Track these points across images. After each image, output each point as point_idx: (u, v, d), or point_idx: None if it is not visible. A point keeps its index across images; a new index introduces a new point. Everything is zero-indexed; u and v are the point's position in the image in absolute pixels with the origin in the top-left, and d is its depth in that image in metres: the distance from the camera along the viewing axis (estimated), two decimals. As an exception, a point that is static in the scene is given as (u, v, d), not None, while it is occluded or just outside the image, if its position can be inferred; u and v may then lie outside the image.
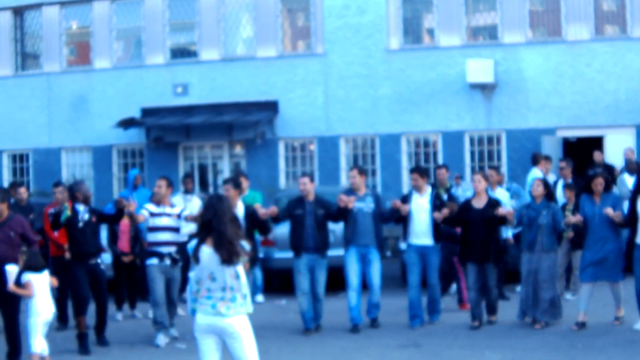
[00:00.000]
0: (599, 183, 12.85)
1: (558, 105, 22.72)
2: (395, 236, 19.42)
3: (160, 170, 24.42)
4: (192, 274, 7.92)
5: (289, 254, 14.94)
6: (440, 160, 23.02)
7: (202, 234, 7.64)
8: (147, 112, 25.21)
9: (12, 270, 11.59)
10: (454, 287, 16.06)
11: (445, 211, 13.44)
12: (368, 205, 13.60)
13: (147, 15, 25.63)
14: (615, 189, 14.90)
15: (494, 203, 13.39)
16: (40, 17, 26.65)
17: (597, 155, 20.64)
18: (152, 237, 13.19)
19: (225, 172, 24.95)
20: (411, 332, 13.07)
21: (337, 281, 15.56)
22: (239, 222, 7.73)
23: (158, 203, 13.29)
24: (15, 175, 26.64)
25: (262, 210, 13.42)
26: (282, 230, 15.54)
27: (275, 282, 17.68)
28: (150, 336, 13.19)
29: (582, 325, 12.77)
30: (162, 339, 12.99)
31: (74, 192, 13.02)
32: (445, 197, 14.94)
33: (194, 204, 16.54)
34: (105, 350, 12.73)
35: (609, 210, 12.55)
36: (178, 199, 17.02)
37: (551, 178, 18.51)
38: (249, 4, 25.04)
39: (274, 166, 24.49)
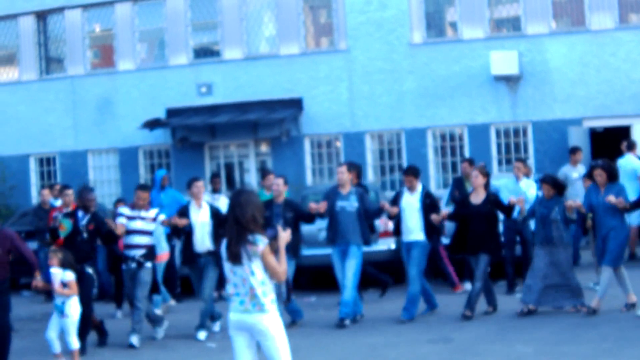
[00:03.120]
0: (598, 174, 13.31)
1: (584, 95, 22.57)
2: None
3: (186, 170, 24.47)
4: None
5: (318, 251, 15.02)
6: (466, 154, 22.93)
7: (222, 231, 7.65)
8: (172, 112, 25.26)
9: (56, 272, 11.87)
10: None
11: (444, 213, 13.74)
12: (351, 204, 13.63)
13: (169, 16, 25.66)
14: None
15: (492, 198, 13.72)
16: (63, 20, 26.75)
17: (624, 146, 20.48)
18: (126, 239, 13.31)
19: (252, 170, 24.97)
20: (441, 327, 13.02)
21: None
22: (254, 219, 7.48)
23: (133, 207, 13.43)
24: (43, 179, 26.77)
25: None
26: (311, 227, 15.58)
27: (304, 279, 17.64)
28: (171, 337, 13.17)
29: (593, 311, 13.06)
30: (160, 332, 13.52)
31: (77, 198, 13.36)
32: (470, 189, 14.91)
33: (222, 203, 16.56)
34: (133, 350, 12.76)
35: (611, 198, 12.96)
36: (206, 198, 17.05)
37: (580, 170, 18.40)
38: (270, 2, 25.02)
39: (300, 163, 24.46)
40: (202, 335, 13.33)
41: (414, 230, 13.62)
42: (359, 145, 24.16)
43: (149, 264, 13.22)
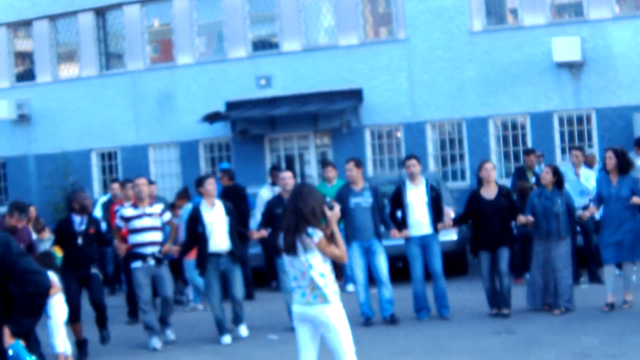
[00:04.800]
0: (607, 157, 12.76)
1: (649, 80, 22.13)
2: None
3: (247, 162, 24.52)
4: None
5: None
6: (529, 143, 22.63)
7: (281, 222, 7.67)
8: (231, 105, 25.28)
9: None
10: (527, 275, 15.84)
11: (449, 222, 13.41)
12: (366, 200, 13.16)
13: (227, 9, 25.67)
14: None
15: (505, 192, 13.18)
16: (122, 16, 26.91)
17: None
18: (135, 238, 12.78)
19: (312, 162, 24.90)
20: (504, 319, 12.80)
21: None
22: (313, 212, 7.46)
23: (135, 205, 12.88)
24: (105, 174, 26.99)
25: (256, 234, 13.15)
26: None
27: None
28: (211, 331, 13.02)
29: (611, 306, 12.67)
30: (156, 342, 12.73)
31: (71, 201, 12.72)
32: (533, 179, 14.63)
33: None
34: (196, 344, 12.74)
35: (636, 199, 12.40)
36: (266, 191, 17.06)
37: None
38: (328, -7, 24.94)
39: (360, 154, 24.27)
40: (243, 330, 13.02)
41: (426, 224, 13.17)
42: (419, 135, 23.96)
43: (165, 261, 12.88)
